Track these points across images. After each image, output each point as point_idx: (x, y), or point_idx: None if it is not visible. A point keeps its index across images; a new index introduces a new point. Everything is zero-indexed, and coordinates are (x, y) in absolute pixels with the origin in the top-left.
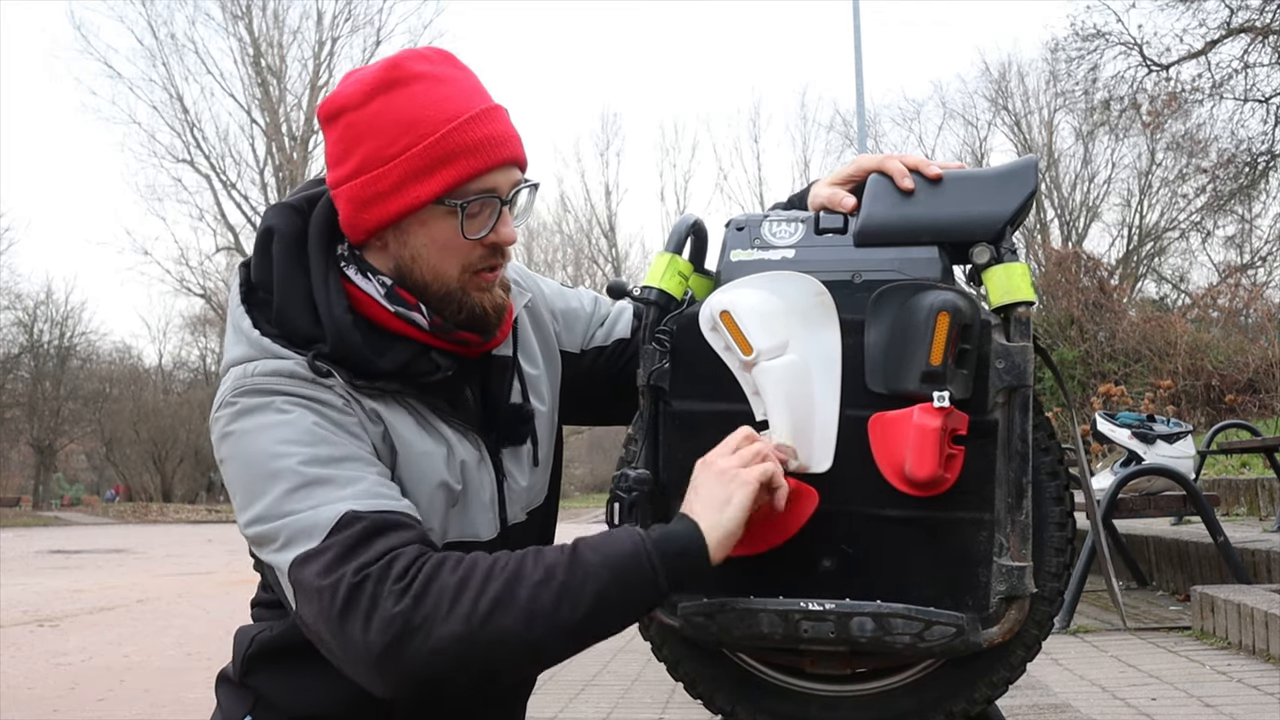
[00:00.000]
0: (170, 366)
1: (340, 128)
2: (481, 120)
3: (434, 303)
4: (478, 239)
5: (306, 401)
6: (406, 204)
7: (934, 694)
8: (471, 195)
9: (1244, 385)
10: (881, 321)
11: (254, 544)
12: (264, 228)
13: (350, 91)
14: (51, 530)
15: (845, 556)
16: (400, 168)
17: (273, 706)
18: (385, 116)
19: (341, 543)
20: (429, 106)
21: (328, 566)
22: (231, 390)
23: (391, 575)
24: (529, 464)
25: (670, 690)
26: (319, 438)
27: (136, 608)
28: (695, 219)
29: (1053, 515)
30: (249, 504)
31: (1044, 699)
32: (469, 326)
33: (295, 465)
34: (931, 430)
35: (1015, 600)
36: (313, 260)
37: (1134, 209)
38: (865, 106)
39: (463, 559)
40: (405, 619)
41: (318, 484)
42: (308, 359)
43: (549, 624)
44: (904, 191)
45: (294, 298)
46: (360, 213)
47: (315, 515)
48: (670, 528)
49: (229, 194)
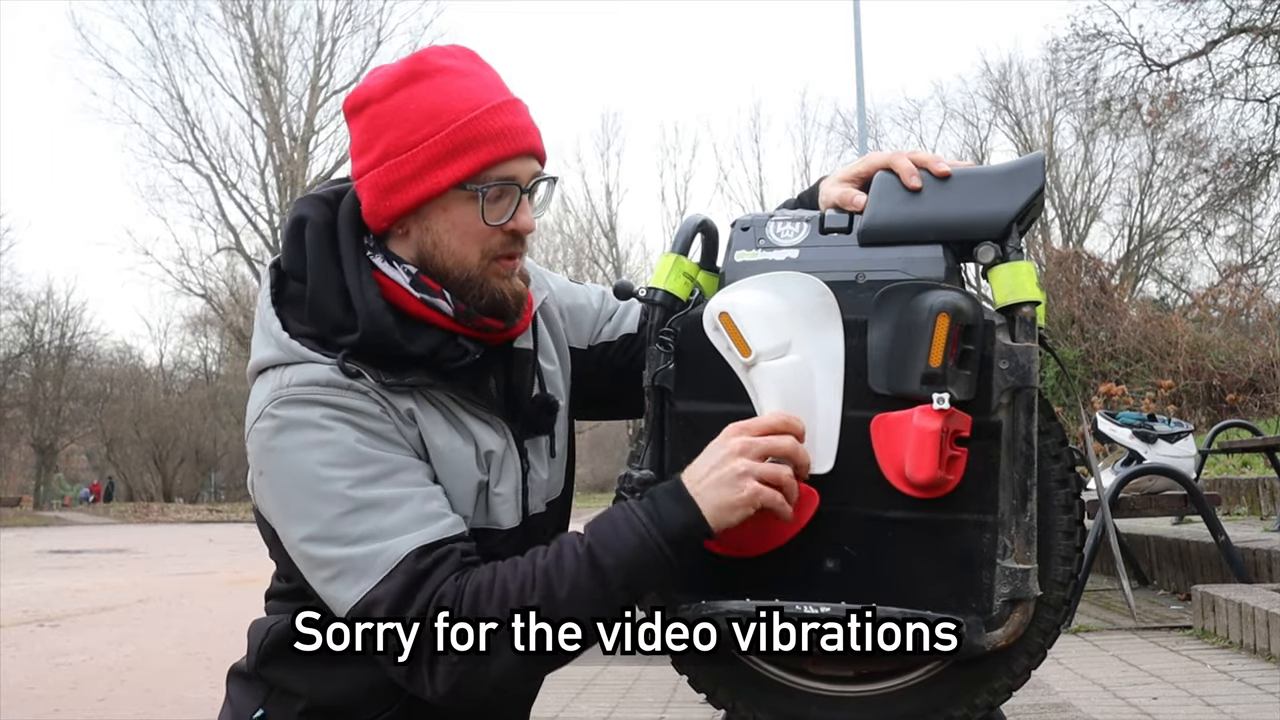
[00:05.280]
0: (171, 366)
1: (365, 119)
2: (503, 110)
3: (456, 289)
4: (498, 225)
5: (345, 414)
6: (429, 188)
7: (936, 698)
8: (492, 181)
9: (1245, 385)
10: (884, 322)
11: (303, 563)
12: (295, 217)
13: (375, 84)
14: (52, 530)
15: (847, 558)
16: (423, 153)
17: (290, 696)
18: (409, 106)
19: (394, 592)
20: (452, 96)
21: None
22: (269, 401)
23: (440, 627)
24: (547, 456)
25: (671, 690)
26: (363, 457)
27: (137, 608)
28: (703, 218)
29: (1061, 524)
30: (297, 522)
31: (1045, 698)
32: (491, 312)
33: (344, 490)
34: (931, 433)
35: (1019, 603)
36: (344, 248)
37: (1135, 209)
38: (866, 106)
39: (494, 584)
40: (465, 668)
41: (367, 508)
42: (338, 361)
43: (586, 630)
44: (910, 190)
45: (327, 285)
46: (383, 199)
47: (367, 554)
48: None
49: (229, 194)
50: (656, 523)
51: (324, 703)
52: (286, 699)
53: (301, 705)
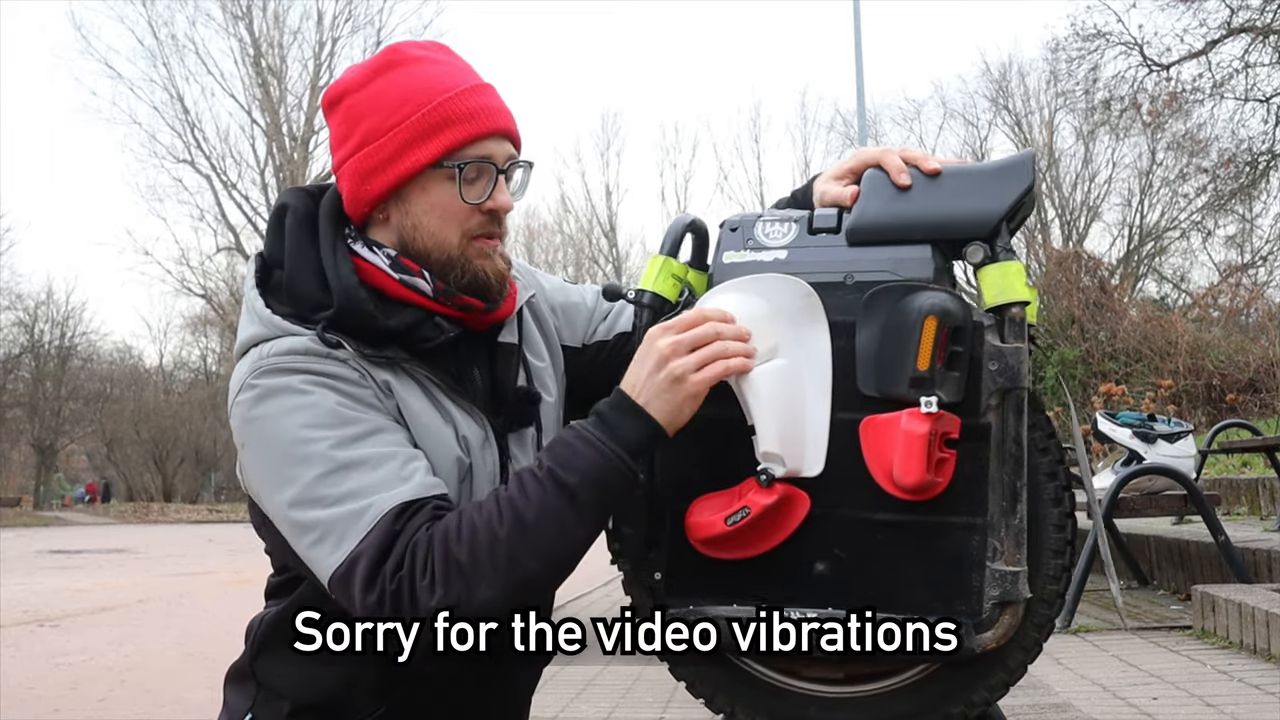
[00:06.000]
0: (171, 367)
1: (342, 110)
2: (476, 92)
3: (437, 269)
4: (476, 204)
5: (324, 379)
6: (407, 168)
7: (932, 696)
8: (469, 159)
9: (1245, 385)
10: (872, 323)
11: (288, 530)
12: (279, 205)
13: (351, 77)
14: (52, 530)
15: (837, 561)
16: (400, 135)
17: (277, 698)
18: (385, 93)
19: (372, 548)
20: (426, 81)
21: (366, 582)
22: (250, 373)
23: (417, 571)
24: (533, 449)
25: (671, 690)
26: (344, 418)
27: (137, 608)
28: (691, 219)
29: (1051, 517)
30: (280, 488)
31: (1045, 698)
32: (472, 291)
33: (325, 450)
34: (919, 436)
35: (1008, 606)
36: (322, 234)
37: (1134, 209)
38: (865, 106)
39: (461, 525)
40: (444, 604)
41: (350, 467)
42: (317, 331)
43: (560, 550)
44: (899, 187)
45: (303, 266)
46: (363, 184)
47: (349, 514)
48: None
49: (229, 194)
50: (613, 437)
51: (310, 702)
52: (274, 701)
53: (288, 707)
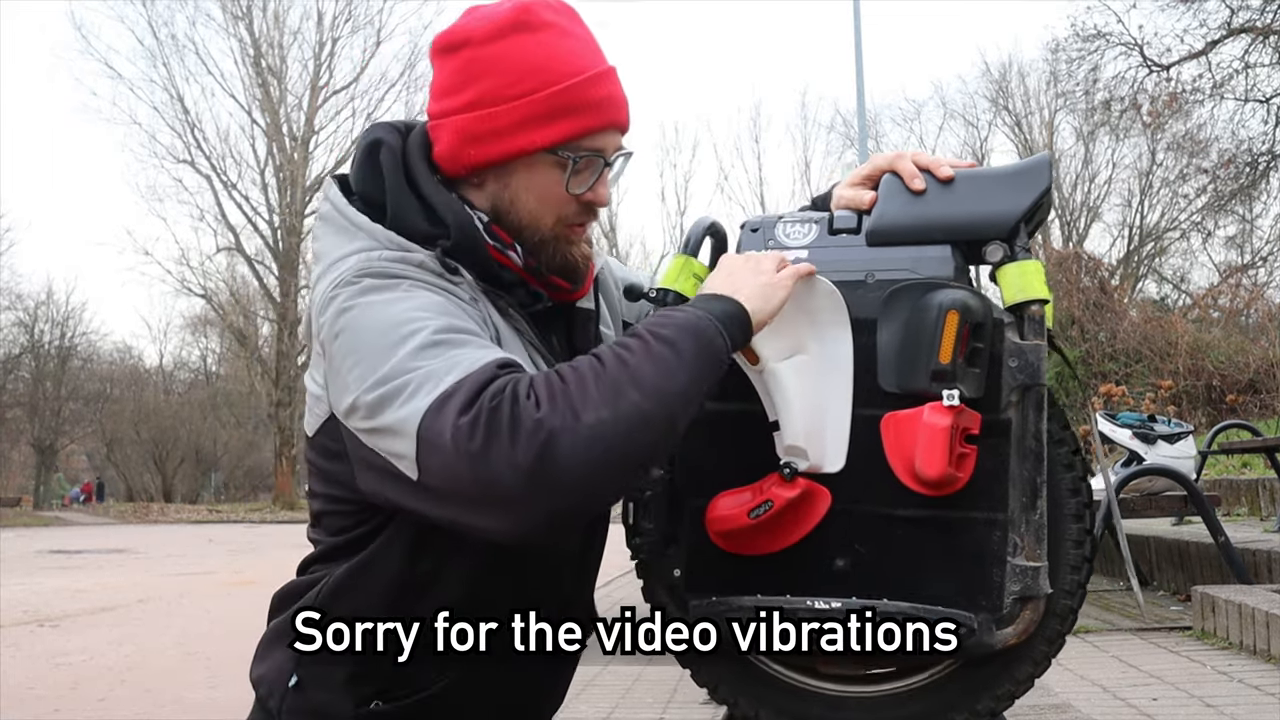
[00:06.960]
0: (171, 367)
1: (460, 60)
2: (604, 79)
3: (528, 246)
4: (577, 195)
5: (435, 288)
6: (520, 146)
7: (938, 702)
8: (584, 151)
9: (1245, 385)
10: (893, 320)
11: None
12: (369, 141)
13: (476, 27)
14: (52, 530)
15: (858, 556)
16: (521, 110)
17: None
18: (511, 57)
19: (473, 380)
20: (555, 56)
21: (465, 404)
22: (355, 271)
23: (521, 394)
24: None
25: (671, 690)
26: (450, 312)
27: (137, 608)
28: (712, 220)
29: (1071, 533)
30: (372, 370)
31: (1045, 699)
32: (561, 273)
33: (429, 333)
34: (941, 429)
35: (1030, 600)
36: (419, 173)
37: (1135, 209)
38: (866, 106)
39: (565, 368)
40: (549, 422)
41: (450, 345)
42: (435, 254)
43: (664, 387)
44: (915, 192)
45: (408, 203)
46: (468, 146)
47: (447, 363)
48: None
49: (229, 194)
50: (705, 308)
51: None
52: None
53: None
